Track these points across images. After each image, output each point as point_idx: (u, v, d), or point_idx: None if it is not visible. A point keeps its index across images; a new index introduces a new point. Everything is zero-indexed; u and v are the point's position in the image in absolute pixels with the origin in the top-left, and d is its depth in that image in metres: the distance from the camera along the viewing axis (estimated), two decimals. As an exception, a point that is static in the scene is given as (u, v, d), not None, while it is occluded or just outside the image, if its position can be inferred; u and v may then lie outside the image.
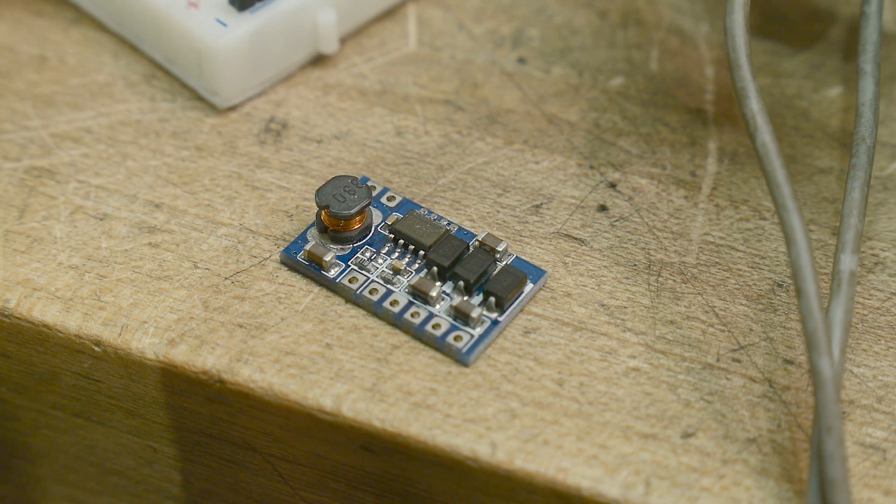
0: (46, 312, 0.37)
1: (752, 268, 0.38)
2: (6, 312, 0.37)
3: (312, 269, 0.37)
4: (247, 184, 0.40)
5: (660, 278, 0.38)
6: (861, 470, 0.34)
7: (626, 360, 0.36)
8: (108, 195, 0.39)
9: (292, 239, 0.38)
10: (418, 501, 0.36)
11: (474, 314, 0.36)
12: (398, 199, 0.39)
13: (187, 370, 0.36)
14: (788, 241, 0.34)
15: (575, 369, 0.36)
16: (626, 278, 0.38)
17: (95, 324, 0.37)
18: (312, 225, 0.38)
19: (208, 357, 0.36)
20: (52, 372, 0.38)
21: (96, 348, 0.37)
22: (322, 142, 0.41)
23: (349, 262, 0.37)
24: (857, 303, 0.37)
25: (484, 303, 0.37)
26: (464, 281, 0.37)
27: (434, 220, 0.38)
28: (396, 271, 0.37)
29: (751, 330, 0.37)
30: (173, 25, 0.41)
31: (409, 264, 0.37)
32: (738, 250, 0.38)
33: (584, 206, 0.39)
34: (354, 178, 0.38)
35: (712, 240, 0.38)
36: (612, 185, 0.40)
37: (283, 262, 0.38)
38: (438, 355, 0.36)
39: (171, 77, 0.42)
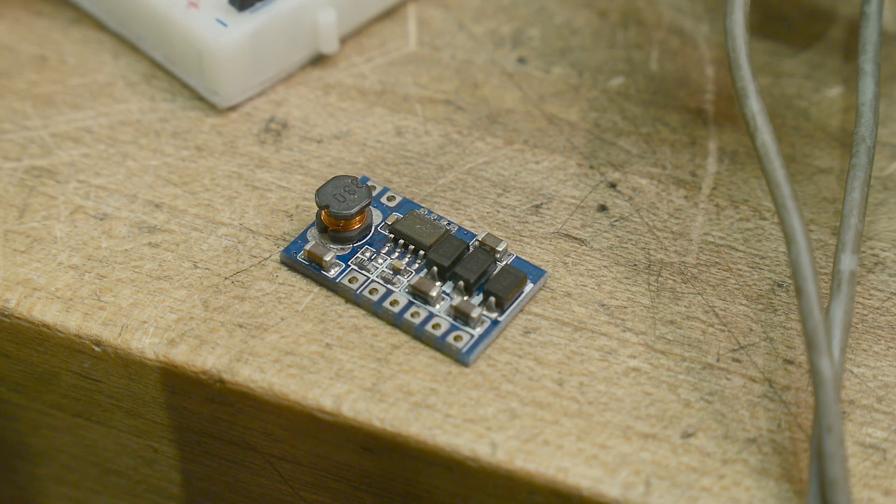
0: (46, 312, 0.37)
1: (752, 268, 0.38)
2: (6, 312, 0.37)
3: (312, 269, 0.37)
4: (247, 184, 0.40)
5: (660, 278, 0.38)
6: (861, 470, 0.34)
7: (626, 360, 0.36)
8: (108, 195, 0.39)
9: (292, 239, 0.38)
10: (418, 501, 0.36)
11: (474, 314, 0.36)
12: (398, 198, 0.39)
13: (187, 370, 0.36)
14: (788, 240, 0.34)
15: (575, 369, 0.36)
16: (626, 278, 0.38)
17: (95, 324, 0.37)
18: (312, 225, 0.38)
19: (208, 357, 0.36)
20: (52, 372, 0.38)
21: (96, 348, 0.37)
22: (322, 142, 0.41)
23: (349, 262, 0.37)
24: (857, 303, 0.37)
25: (484, 303, 0.37)
26: (464, 281, 0.37)
27: (434, 219, 0.38)
28: (396, 271, 0.37)
29: (751, 330, 0.37)
30: (173, 25, 0.41)
31: (409, 264, 0.37)
32: (738, 250, 0.38)
33: (584, 206, 0.39)
34: (354, 178, 0.38)
35: (712, 240, 0.38)
36: (612, 185, 0.40)
37: (283, 262, 0.38)
38: (438, 355, 0.36)
39: (172, 77, 0.42)
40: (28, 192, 0.39)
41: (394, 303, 0.37)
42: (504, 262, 0.37)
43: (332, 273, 0.37)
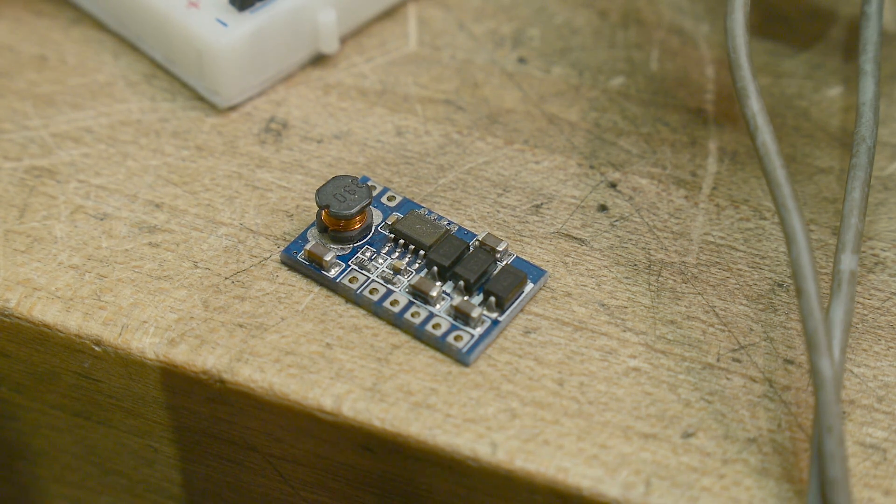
0: (47, 312, 0.37)
1: (753, 268, 0.38)
2: (6, 312, 0.37)
3: (313, 269, 0.37)
4: (247, 183, 0.40)
5: (660, 278, 0.38)
6: (861, 470, 0.34)
7: (626, 359, 0.36)
8: (109, 195, 0.39)
9: (292, 239, 0.38)
10: (418, 501, 0.36)
11: (474, 314, 0.36)
12: (398, 198, 0.39)
13: (187, 370, 0.36)
14: (789, 240, 0.34)
15: (575, 369, 0.36)
16: (627, 278, 0.38)
17: (96, 323, 0.37)
18: (313, 225, 0.38)
19: (208, 357, 0.36)
20: (52, 372, 0.38)
21: (96, 348, 0.37)
22: (322, 141, 0.41)
23: (349, 262, 0.37)
24: (858, 303, 0.37)
25: (484, 302, 0.37)
26: (464, 281, 0.37)
27: (434, 219, 0.38)
28: (397, 271, 0.37)
29: (751, 330, 0.37)
30: (173, 25, 0.41)
31: (409, 264, 0.37)
32: (738, 250, 0.38)
33: (584, 206, 0.39)
34: (355, 178, 0.38)
35: (712, 240, 0.38)
36: (613, 185, 0.40)
37: (283, 262, 0.38)
38: (439, 355, 0.36)
39: (172, 77, 0.42)
40: (28, 191, 0.39)
41: (394, 303, 0.37)
42: (504, 262, 0.37)
43: (333, 273, 0.37)
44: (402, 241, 0.37)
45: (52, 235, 0.38)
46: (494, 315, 0.36)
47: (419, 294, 0.36)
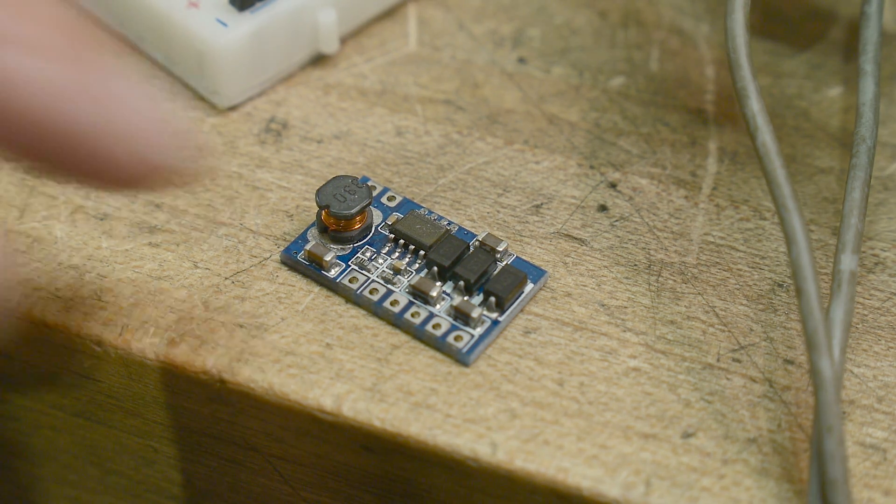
0: (46, 312, 0.37)
1: (753, 268, 0.38)
2: (6, 312, 0.37)
3: (313, 269, 0.37)
4: (247, 184, 0.40)
5: (660, 278, 0.38)
6: (861, 470, 0.34)
7: (626, 360, 0.36)
8: (109, 195, 0.39)
9: (292, 239, 0.38)
10: (418, 501, 0.36)
11: (474, 314, 0.36)
12: (398, 198, 0.39)
13: (188, 370, 0.36)
14: (789, 240, 0.34)
15: (575, 369, 0.36)
16: (627, 278, 0.38)
17: (96, 324, 0.37)
18: (313, 225, 0.38)
19: (208, 357, 0.36)
20: (52, 372, 0.38)
21: (96, 348, 0.37)
22: (322, 142, 0.41)
23: (349, 262, 0.37)
24: (858, 303, 0.37)
25: (484, 303, 0.37)
26: (464, 281, 0.37)
27: (434, 220, 0.38)
28: (397, 271, 0.37)
29: (751, 330, 0.37)
30: (173, 25, 0.41)
31: (409, 264, 0.37)
32: (738, 250, 0.38)
33: (584, 206, 0.39)
34: (355, 178, 0.38)
35: (712, 240, 0.38)
36: (613, 185, 0.40)
37: (283, 262, 0.38)
38: (439, 355, 0.36)
39: (172, 77, 0.42)
40: (28, 191, 0.39)
41: (394, 303, 0.37)
42: (504, 262, 0.37)
43: (333, 273, 0.37)
44: (402, 241, 0.37)
45: (52, 235, 0.38)
46: (494, 315, 0.36)
47: (419, 294, 0.36)
